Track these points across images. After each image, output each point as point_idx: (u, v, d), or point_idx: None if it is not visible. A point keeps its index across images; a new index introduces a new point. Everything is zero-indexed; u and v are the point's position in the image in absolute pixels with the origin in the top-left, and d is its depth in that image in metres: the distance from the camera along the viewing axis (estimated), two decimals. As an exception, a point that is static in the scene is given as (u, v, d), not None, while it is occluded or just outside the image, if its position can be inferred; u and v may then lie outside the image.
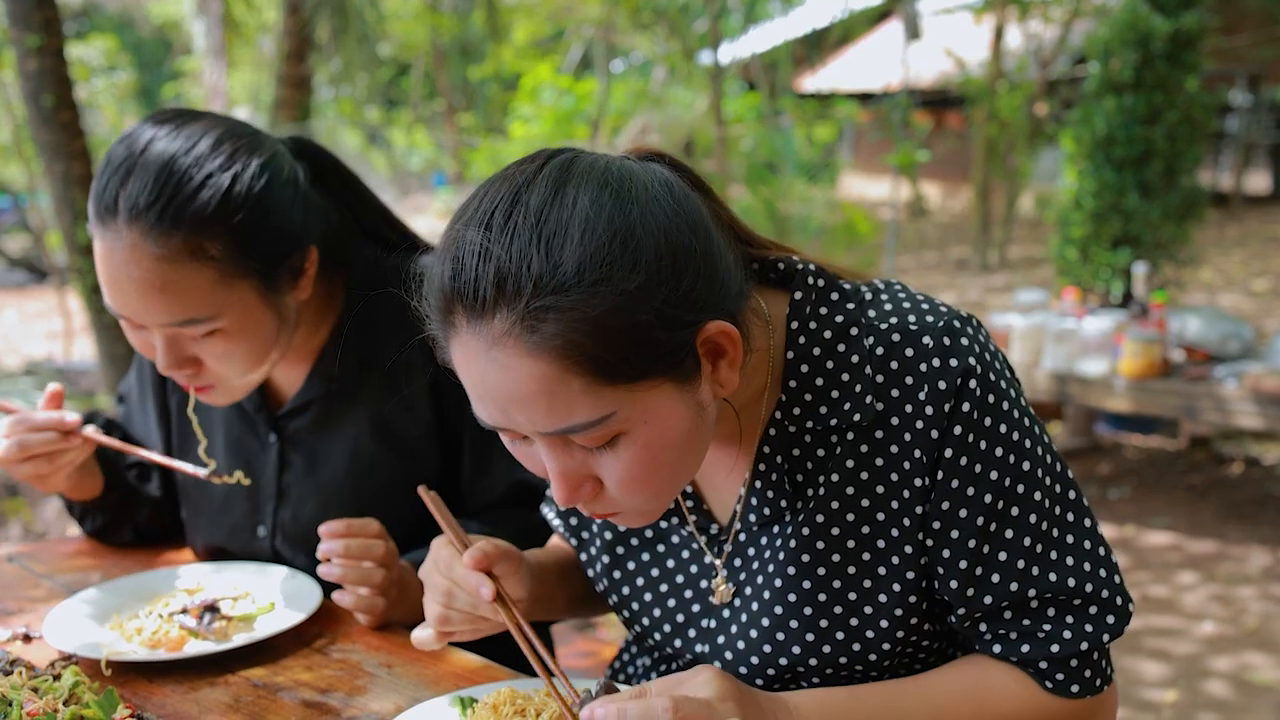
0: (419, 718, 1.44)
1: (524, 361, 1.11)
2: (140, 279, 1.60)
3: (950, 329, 1.30)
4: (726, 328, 1.18)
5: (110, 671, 1.59)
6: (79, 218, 6.03)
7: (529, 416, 1.15)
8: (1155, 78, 6.61)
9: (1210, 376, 5.36)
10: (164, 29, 20.20)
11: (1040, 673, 1.33)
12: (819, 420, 1.33)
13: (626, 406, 1.15)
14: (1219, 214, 16.42)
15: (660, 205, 1.15)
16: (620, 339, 1.11)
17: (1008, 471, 1.29)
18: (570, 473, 1.21)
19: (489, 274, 1.10)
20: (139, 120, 1.69)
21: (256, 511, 1.97)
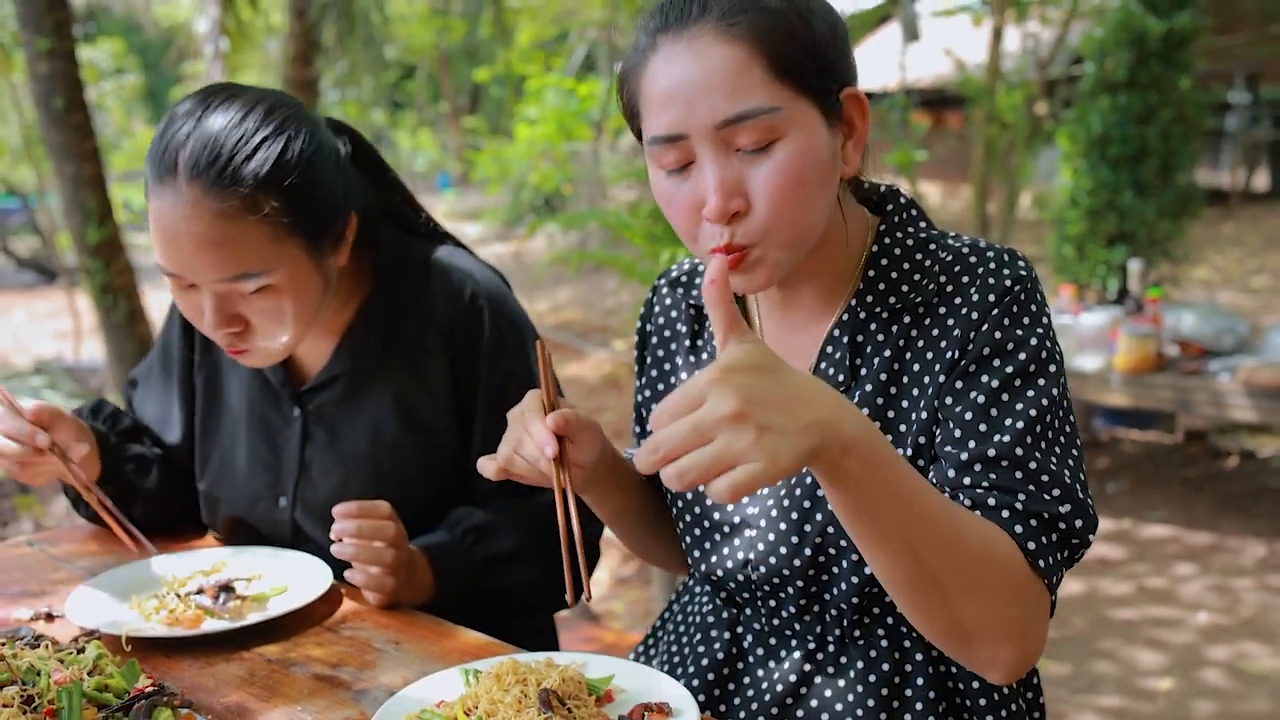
0: (426, 689, 1.49)
1: (720, 48, 1.34)
2: (199, 234, 1.67)
3: (1013, 254, 1.47)
4: (862, 97, 1.43)
5: (130, 647, 1.64)
6: (89, 219, 6.07)
7: (711, 103, 1.34)
8: (1149, 77, 6.67)
9: (1205, 370, 5.42)
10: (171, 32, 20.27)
11: (1016, 534, 1.32)
12: (886, 308, 1.49)
13: (789, 108, 1.35)
14: (1218, 211, 16.45)
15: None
16: (797, 42, 1.36)
17: (1029, 363, 1.41)
18: (727, 181, 1.36)
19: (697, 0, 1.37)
20: (187, 96, 1.79)
21: (278, 483, 2.02)
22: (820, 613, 1.54)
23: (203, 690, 1.56)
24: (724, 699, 1.61)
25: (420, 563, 1.85)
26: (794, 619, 1.56)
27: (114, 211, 6.39)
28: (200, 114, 1.72)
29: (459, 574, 1.89)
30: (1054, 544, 1.35)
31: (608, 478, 1.61)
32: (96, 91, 16.74)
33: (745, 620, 1.63)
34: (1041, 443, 1.39)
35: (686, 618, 1.75)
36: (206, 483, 2.11)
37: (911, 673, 1.52)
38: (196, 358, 2.12)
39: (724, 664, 1.63)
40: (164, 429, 2.16)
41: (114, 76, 19.28)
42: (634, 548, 1.84)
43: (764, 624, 1.60)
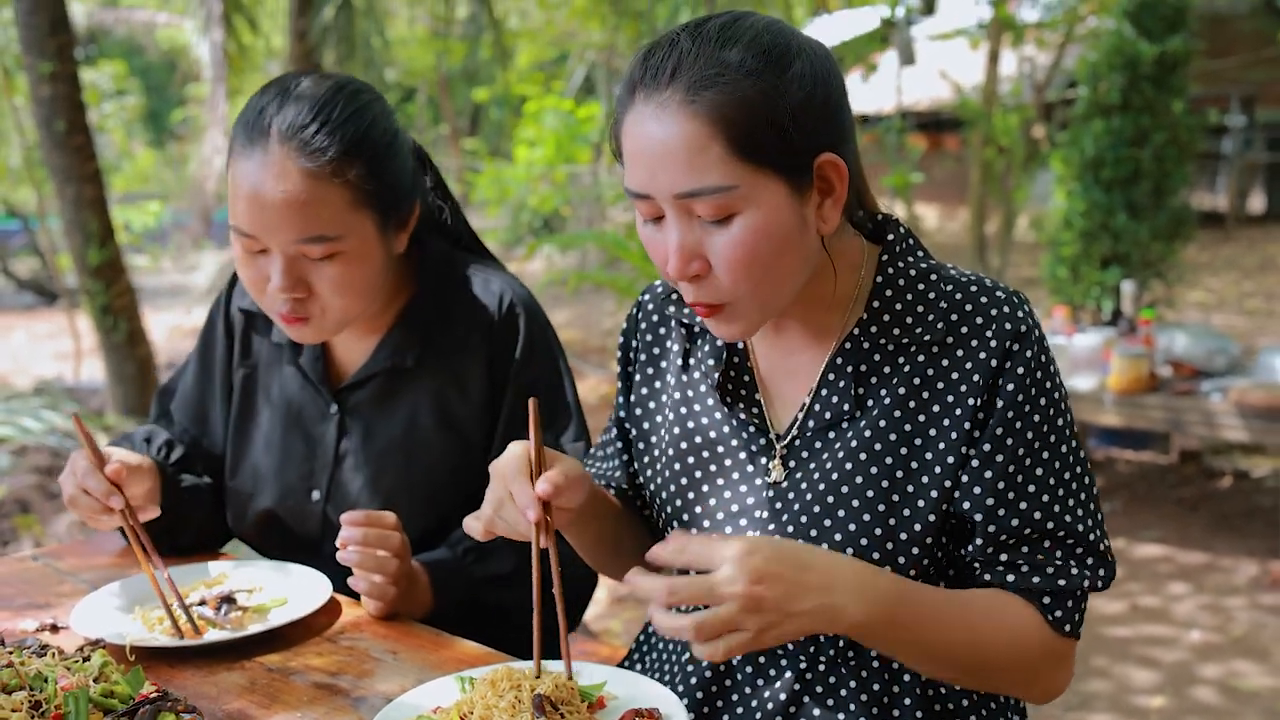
0: (422, 695, 1.51)
1: (681, 122, 1.35)
2: (285, 192, 1.77)
3: (1020, 297, 1.52)
4: (839, 161, 1.42)
5: (134, 657, 1.66)
6: (90, 240, 6.09)
7: (670, 175, 1.37)
8: (1142, 100, 6.73)
9: (1197, 391, 5.46)
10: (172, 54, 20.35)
11: (1044, 606, 1.48)
12: (892, 340, 1.51)
13: (748, 185, 1.37)
14: (1215, 234, 16.50)
15: (816, 49, 1.43)
16: (760, 120, 1.35)
17: (1047, 419, 1.48)
18: (687, 245, 1.41)
19: (674, 56, 1.38)
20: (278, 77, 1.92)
21: (312, 476, 2.07)
22: (813, 635, 1.55)
23: (205, 698, 1.58)
24: (712, 717, 1.62)
25: (421, 578, 1.88)
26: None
27: (115, 233, 6.41)
28: (293, 86, 1.85)
29: (457, 591, 1.93)
30: (1076, 604, 1.49)
31: (587, 510, 1.62)
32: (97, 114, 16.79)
33: None
34: (1069, 501, 1.49)
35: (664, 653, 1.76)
36: (239, 479, 2.15)
37: (900, 694, 1.54)
38: (235, 358, 2.18)
39: (712, 682, 1.63)
40: (202, 431, 2.22)
41: (115, 98, 19.35)
42: (608, 573, 1.85)
43: None
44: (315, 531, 2.09)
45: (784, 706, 1.56)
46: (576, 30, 16.05)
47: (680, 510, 1.66)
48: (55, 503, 6.39)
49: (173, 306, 14.10)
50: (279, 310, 1.88)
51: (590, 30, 15.42)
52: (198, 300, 14.31)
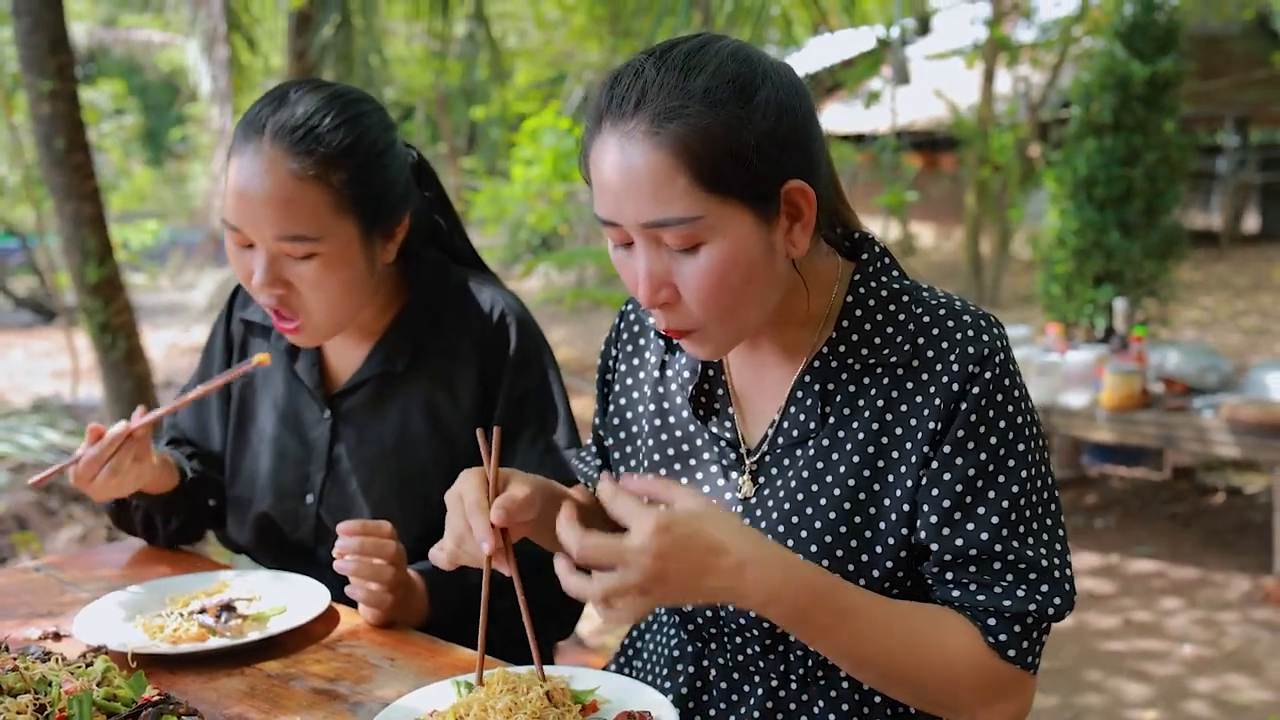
0: (420, 700, 1.53)
1: (646, 153, 1.36)
2: (269, 189, 1.84)
3: (989, 320, 1.51)
4: (806, 188, 1.41)
5: (135, 664, 1.66)
6: (88, 258, 6.06)
7: (636, 205, 1.38)
8: (1134, 120, 6.78)
9: (1189, 407, 5.49)
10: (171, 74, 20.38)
11: (987, 628, 1.45)
12: (859, 360, 1.51)
13: (713, 215, 1.37)
14: (1209, 253, 16.54)
15: (781, 74, 1.42)
16: (724, 151, 1.35)
17: (1005, 443, 1.46)
18: (656, 273, 1.42)
19: (638, 86, 1.38)
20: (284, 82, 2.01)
21: (306, 480, 2.13)
22: (784, 652, 1.57)
23: (205, 703, 1.60)
24: None
25: (417, 586, 1.91)
26: (758, 657, 1.59)
27: (113, 251, 6.40)
28: (294, 92, 1.91)
29: (453, 599, 1.95)
30: (1026, 631, 1.45)
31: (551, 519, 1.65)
32: (96, 133, 16.81)
33: (710, 655, 1.66)
34: (1019, 527, 1.45)
35: (656, 649, 1.78)
36: (237, 487, 2.20)
37: (870, 715, 1.56)
38: (232, 364, 2.23)
39: (689, 697, 1.66)
40: (204, 441, 2.28)
41: (114, 117, 19.37)
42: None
43: (729, 659, 1.63)
44: (309, 536, 2.13)
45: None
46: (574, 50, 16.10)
47: None
48: (53, 519, 6.40)
49: (171, 325, 14.11)
50: (268, 305, 1.94)
51: (588, 50, 15.47)
52: (196, 318, 14.31)
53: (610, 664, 1.88)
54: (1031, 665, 1.47)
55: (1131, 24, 6.92)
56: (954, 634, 1.44)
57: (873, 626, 1.39)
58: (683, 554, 1.28)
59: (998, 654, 1.44)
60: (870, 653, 1.40)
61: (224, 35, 9.86)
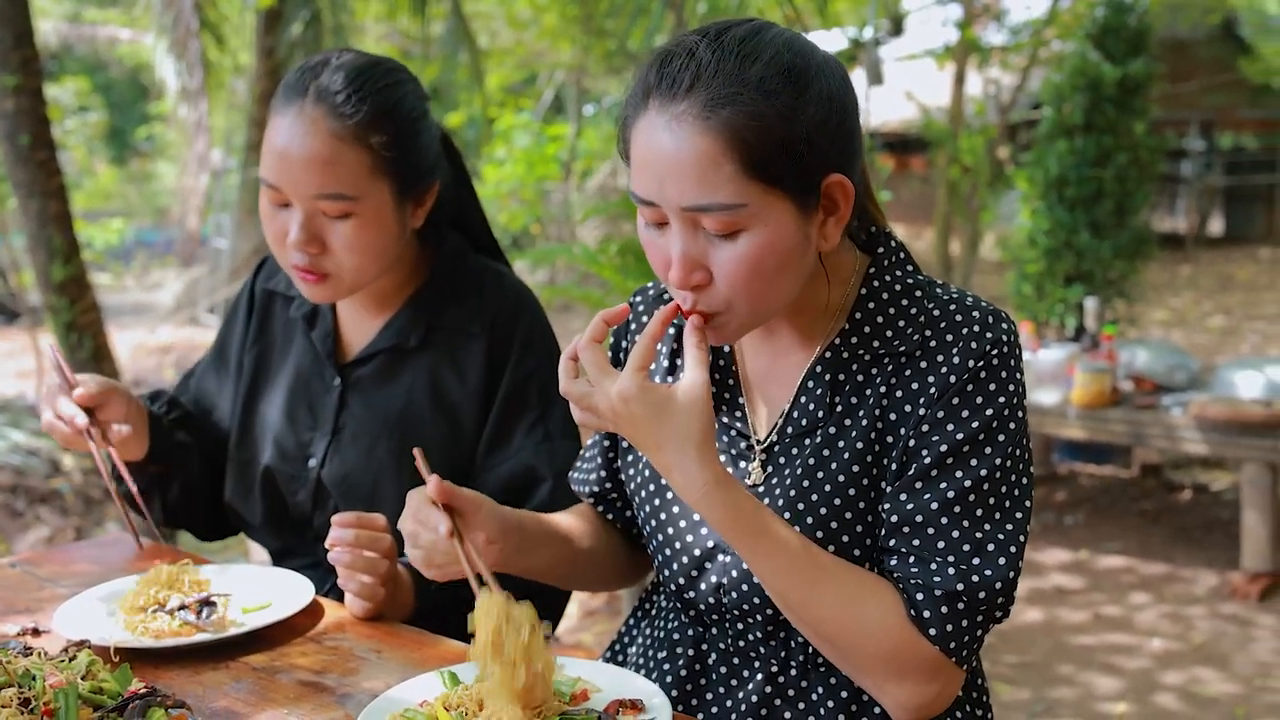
0: (407, 691, 1.53)
1: (695, 137, 1.35)
2: (311, 149, 1.90)
3: (999, 315, 1.51)
4: (846, 182, 1.43)
5: (119, 658, 1.64)
6: (54, 256, 5.99)
7: (680, 187, 1.38)
8: (1105, 121, 6.83)
9: (1158, 405, 5.54)
10: (136, 71, 20.22)
11: (913, 601, 1.43)
12: (869, 350, 1.52)
13: (757, 204, 1.37)
14: (1175, 255, 16.70)
15: (834, 68, 1.43)
16: (775, 142, 1.35)
17: (986, 428, 1.46)
18: (690, 255, 1.42)
19: (691, 68, 1.37)
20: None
21: (312, 444, 2.17)
22: (785, 638, 1.58)
23: (192, 696, 1.58)
24: (688, 714, 1.64)
25: (404, 579, 1.90)
26: (759, 642, 1.60)
27: (79, 249, 6.34)
28: (337, 57, 1.98)
29: (439, 592, 1.94)
30: (954, 614, 1.42)
31: (523, 542, 1.67)
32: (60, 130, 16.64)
33: (711, 639, 1.66)
34: (976, 510, 1.44)
35: (654, 631, 1.78)
36: (243, 449, 2.24)
37: (869, 702, 1.56)
38: (250, 337, 2.29)
39: (687, 680, 1.66)
40: (214, 407, 2.33)
41: (78, 114, 19.19)
42: (575, 587, 1.92)
43: (729, 644, 1.64)
44: (308, 500, 2.17)
45: (756, 708, 1.59)
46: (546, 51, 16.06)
47: (658, 509, 1.68)
48: (20, 521, 6.34)
49: (136, 325, 13.98)
50: (296, 264, 1.97)
51: (560, 50, 15.44)
52: (162, 319, 14.20)
53: (613, 643, 1.88)
54: (955, 651, 1.44)
55: (1103, 26, 6.98)
56: (877, 601, 1.45)
57: (791, 563, 1.44)
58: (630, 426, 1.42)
59: (919, 630, 1.43)
60: (784, 590, 1.45)
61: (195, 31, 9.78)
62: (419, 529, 1.60)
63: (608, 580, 1.91)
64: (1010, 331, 1.50)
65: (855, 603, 1.44)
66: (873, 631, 1.43)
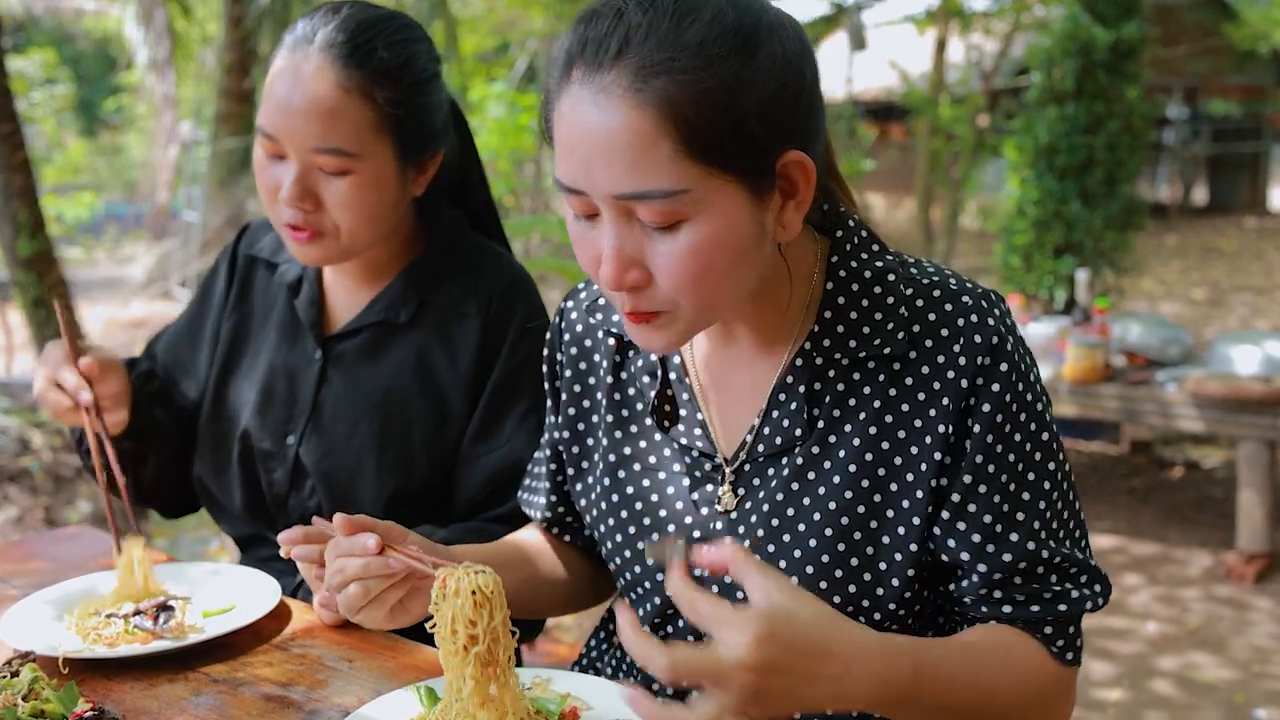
0: (381, 709, 1.44)
1: (626, 111, 1.18)
2: (313, 99, 1.81)
3: (989, 297, 1.36)
4: (806, 160, 1.25)
5: (68, 670, 1.57)
6: (19, 231, 5.95)
7: (610, 172, 1.20)
8: (1096, 87, 6.75)
9: (1152, 381, 5.45)
10: (104, 43, 19.99)
11: (1045, 637, 1.37)
12: (847, 353, 1.37)
13: (701, 189, 1.20)
14: (1158, 224, 16.72)
15: (789, 30, 1.25)
16: (720, 116, 1.18)
17: (1031, 437, 1.35)
18: (624, 252, 1.25)
19: (619, 31, 1.19)
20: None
21: (290, 420, 2.06)
22: None
23: (145, 714, 1.50)
24: None
25: None
26: None
27: (46, 224, 6.28)
28: (347, 7, 1.89)
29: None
30: (1077, 629, 1.38)
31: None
32: (26, 103, 16.44)
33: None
34: (1059, 531, 1.37)
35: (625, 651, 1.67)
36: (218, 422, 2.13)
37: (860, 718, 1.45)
38: (230, 304, 2.18)
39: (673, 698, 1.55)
40: (182, 374, 2.22)
41: (44, 87, 18.97)
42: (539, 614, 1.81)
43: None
44: (284, 479, 2.05)
45: None
46: (518, 18, 15.93)
47: (622, 546, 1.55)
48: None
49: (108, 299, 13.84)
50: (287, 220, 1.87)
51: (532, 18, 15.31)
52: (134, 293, 14.06)
53: (590, 649, 1.76)
54: (1080, 661, 1.41)
55: (1095, -12, 6.86)
56: (1022, 657, 1.36)
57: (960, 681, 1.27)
58: (787, 668, 1.09)
59: (1059, 660, 1.38)
60: (960, 710, 1.28)
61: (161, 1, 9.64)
62: (345, 562, 1.42)
63: (573, 602, 1.78)
64: (1006, 313, 1.37)
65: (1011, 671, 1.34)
66: (1030, 685, 1.36)
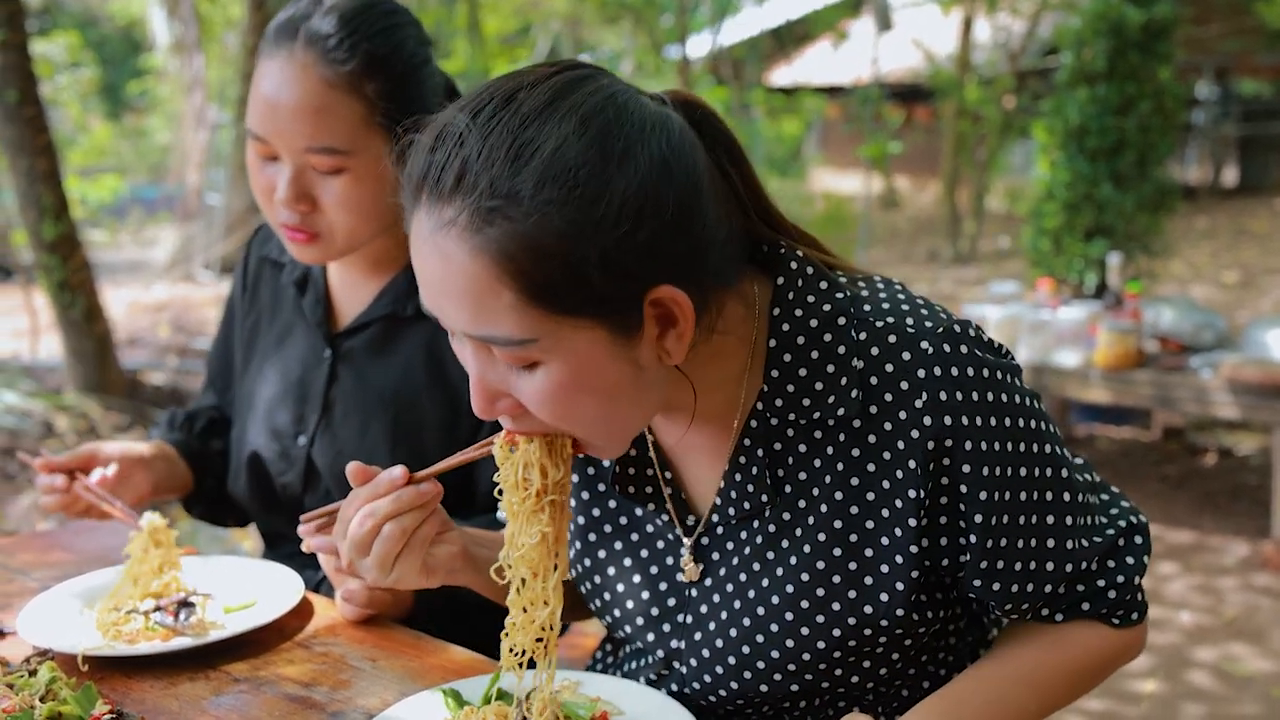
0: (406, 711, 1.41)
1: (464, 257, 1.10)
2: (300, 97, 1.76)
3: (950, 335, 1.25)
4: (679, 296, 1.14)
5: (87, 667, 1.55)
6: (44, 214, 5.98)
7: (458, 313, 1.14)
8: (1128, 67, 6.64)
9: (1186, 367, 5.37)
10: (128, 26, 20.02)
11: (1104, 616, 1.38)
12: (802, 413, 1.28)
13: (551, 337, 1.12)
14: (1187, 207, 16.55)
15: (649, 150, 1.12)
16: (556, 266, 1.08)
17: (1034, 462, 1.28)
18: (488, 383, 1.19)
19: (456, 161, 1.10)
20: None
21: (301, 420, 2.04)
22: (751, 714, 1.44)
23: (165, 714, 1.47)
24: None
25: None
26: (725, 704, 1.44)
27: (70, 207, 6.29)
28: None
29: (436, 593, 1.80)
30: (1135, 592, 1.38)
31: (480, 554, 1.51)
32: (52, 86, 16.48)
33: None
34: (1091, 528, 1.35)
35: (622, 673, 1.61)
36: (236, 427, 2.15)
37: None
38: (244, 308, 2.19)
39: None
40: (226, 384, 2.26)
41: (70, 70, 19.01)
42: None
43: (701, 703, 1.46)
44: (298, 480, 2.03)
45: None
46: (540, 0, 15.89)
47: (600, 608, 1.51)
48: (14, 484, 6.25)
49: (132, 282, 13.87)
50: (284, 222, 1.84)
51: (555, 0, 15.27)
52: (157, 275, 14.08)
53: (604, 642, 1.70)
54: (1146, 610, 1.42)
55: (1126, -34, 6.76)
56: (1078, 649, 1.39)
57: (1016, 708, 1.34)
58: None
59: (1124, 628, 1.39)
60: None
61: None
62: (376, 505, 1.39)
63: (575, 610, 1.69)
64: (971, 346, 1.26)
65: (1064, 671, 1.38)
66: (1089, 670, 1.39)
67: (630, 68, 17.07)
